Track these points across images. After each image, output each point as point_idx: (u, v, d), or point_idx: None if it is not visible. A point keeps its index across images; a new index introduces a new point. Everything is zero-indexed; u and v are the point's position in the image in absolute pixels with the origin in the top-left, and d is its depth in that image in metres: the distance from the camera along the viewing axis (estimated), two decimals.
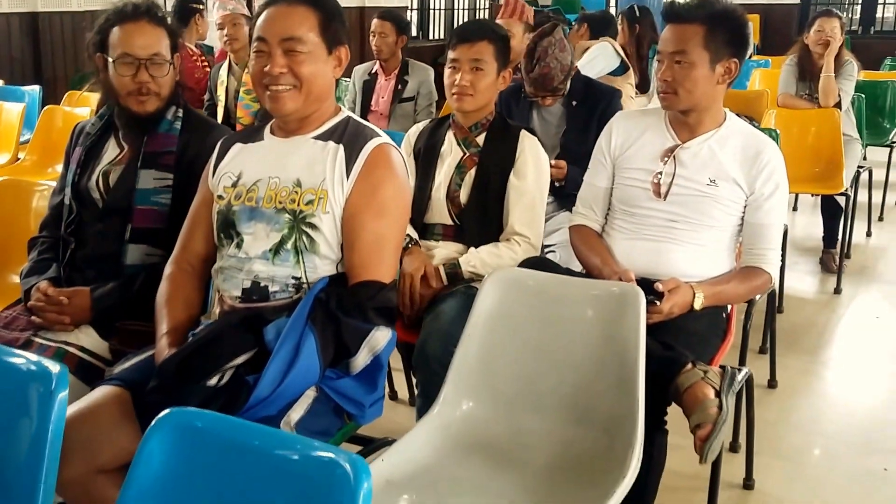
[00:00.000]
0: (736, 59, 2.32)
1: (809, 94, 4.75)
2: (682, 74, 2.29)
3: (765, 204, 2.34)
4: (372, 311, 1.88)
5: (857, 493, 2.69)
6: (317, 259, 1.92)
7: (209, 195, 2.05)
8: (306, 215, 1.91)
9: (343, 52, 2.00)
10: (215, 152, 2.09)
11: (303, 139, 1.99)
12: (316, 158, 1.95)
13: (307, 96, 1.93)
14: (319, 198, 1.91)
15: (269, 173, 1.96)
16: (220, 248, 2.01)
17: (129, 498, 1.31)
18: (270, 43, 1.91)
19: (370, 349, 1.89)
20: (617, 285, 2.01)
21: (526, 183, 2.54)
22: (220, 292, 1.98)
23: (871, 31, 10.58)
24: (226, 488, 1.27)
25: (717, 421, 1.88)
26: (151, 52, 2.21)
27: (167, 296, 2.00)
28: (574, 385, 1.95)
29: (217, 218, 2.00)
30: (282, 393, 1.74)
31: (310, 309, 1.81)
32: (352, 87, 4.77)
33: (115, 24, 2.22)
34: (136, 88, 2.20)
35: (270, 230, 1.92)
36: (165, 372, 1.75)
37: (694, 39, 2.28)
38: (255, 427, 1.34)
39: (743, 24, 2.37)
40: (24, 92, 5.44)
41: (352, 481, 1.15)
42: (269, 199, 1.94)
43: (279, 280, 1.91)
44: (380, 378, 1.94)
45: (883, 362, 3.66)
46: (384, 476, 1.79)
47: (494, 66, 2.56)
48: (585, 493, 1.74)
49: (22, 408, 1.45)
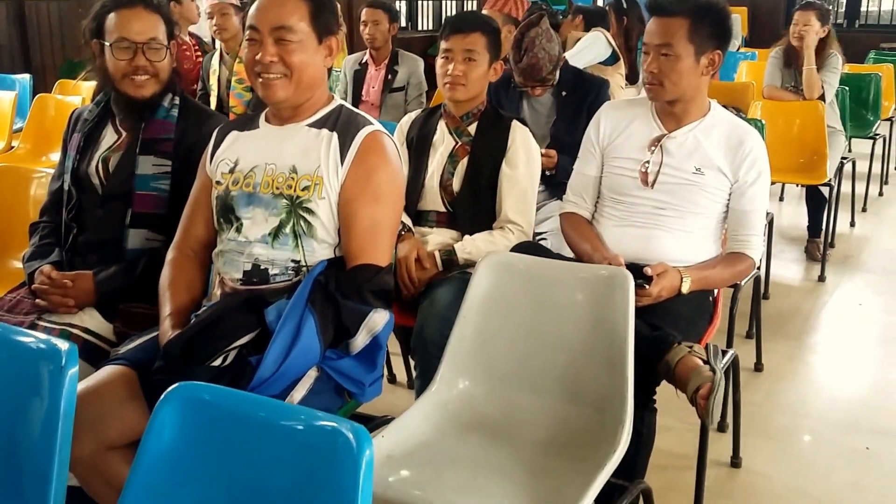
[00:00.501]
0: (719, 50, 2.38)
1: (795, 86, 4.81)
2: (667, 66, 2.34)
3: (748, 191, 2.41)
4: (369, 294, 1.94)
5: (839, 471, 2.77)
6: (315, 243, 1.97)
7: (208, 181, 2.10)
8: (303, 201, 1.96)
9: (334, 42, 2.04)
10: (212, 140, 2.14)
11: (297, 127, 2.03)
12: (310, 145, 1.99)
13: (298, 85, 1.98)
14: (315, 184, 1.96)
15: (266, 160, 2.01)
16: (220, 233, 2.05)
17: (141, 469, 1.36)
18: (262, 32, 1.95)
19: (369, 330, 1.94)
20: (606, 269, 2.06)
21: (518, 172, 2.59)
22: (221, 275, 2.03)
23: (857, 24, 10.66)
24: (234, 458, 1.31)
25: (715, 379, 1.94)
26: (148, 36, 2.24)
27: (170, 279, 2.05)
28: (566, 364, 2.01)
29: (216, 203, 2.05)
30: (284, 372, 1.79)
31: (309, 291, 1.86)
32: (342, 78, 4.80)
33: (112, 10, 2.26)
34: (131, 70, 2.23)
35: (269, 215, 1.97)
36: (171, 352, 1.79)
37: (679, 32, 2.33)
38: (262, 399, 1.40)
39: (726, 17, 2.41)
40: (15, 80, 5.46)
41: (354, 449, 1.20)
42: (266, 185, 1.98)
43: (279, 263, 1.96)
44: (379, 358, 1.99)
45: (865, 347, 3.75)
46: (385, 451, 1.85)
47: (486, 57, 2.61)
48: (577, 467, 1.80)
49: (34, 386, 1.49)
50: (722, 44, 2.39)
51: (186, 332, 1.84)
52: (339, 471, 1.20)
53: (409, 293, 2.52)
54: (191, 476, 1.32)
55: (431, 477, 1.81)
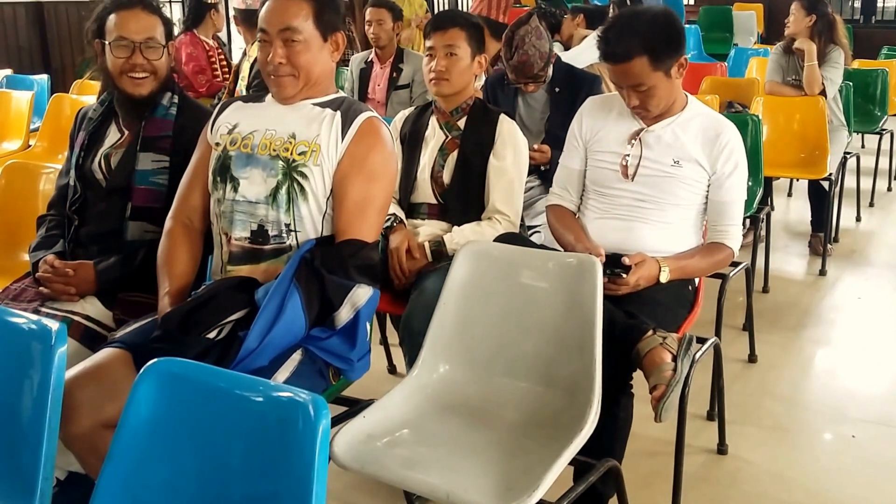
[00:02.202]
0: (683, 54, 2.41)
1: (797, 80, 4.79)
2: (648, 97, 2.40)
3: (725, 182, 2.46)
4: (353, 269, 2.04)
5: (824, 457, 2.84)
6: (305, 208, 2.07)
7: (207, 150, 2.20)
8: (298, 164, 2.06)
9: (340, 38, 2.17)
10: (214, 112, 2.24)
11: (302, 104, 2.15)
12: (314, 119, 2.11)
13: (306, 82, 2.11)
14: (312, 150, 2.07)
15: (267, 125, 2.13)
16: (214, 192, 2.15)
17: (121, 441, 1.47)
18: (271, 34, 2.09)
19: (352, 305, 2.05)
20: (575, 256, 2.13)
21: (505, 164, 2.67)
22: (226, 234, 2.12)
23: (873, 20, 10.60)
24: (201, 429, 1.41)
25: (671, 382, 2.02)
26: (146, 35, 2.34)
27: (167, 252, 2.16)
28: (540, 349, 2.09)
29: (213, 164, 2.15)
30: (269, 343, 1.89)
31: (295, 268, 1.96)
32: (349, 76, 4.90)
33: (112, 11, 2.36)
34: (129, 67, 2.33)
35: (267, 176, 2.08)
36: (169, 323, 1.90)
37: (643, 71, 2.35)
38: (224, 372, 1.48)
39: (672, 24, 2.40)
40: (33, 80, 5.62)
41: (312, 417, 1.28)
42: (263, 147, 2.09)
43: (277, 224, 2.07)
44: (360, 332, 2.08)
45: (861, 339, 3.78)
46: (365, 431, 1.93)
47: (468, 52, 2.70)
48: (549, 445, 1.86)
49: (26, 363, 1.60)
50: (681, 48, 2.41)
51: (184, 306, 1.95)
52: (297, 439, 1.29)
53: (400, 283, 2.60)
54: (164, 446, 1.41)
55: (408, 455, 1.89)
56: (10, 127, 5.16)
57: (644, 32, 2.35)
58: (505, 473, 1.80)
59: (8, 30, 6.42)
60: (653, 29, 2.36)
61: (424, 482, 1.78)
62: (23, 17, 6.41)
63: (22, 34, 6.44)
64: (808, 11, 4.73)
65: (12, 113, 5.17)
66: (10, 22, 6.41)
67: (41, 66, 6.46)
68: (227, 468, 1.36)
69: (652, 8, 2.50)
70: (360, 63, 4.84)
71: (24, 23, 6.43)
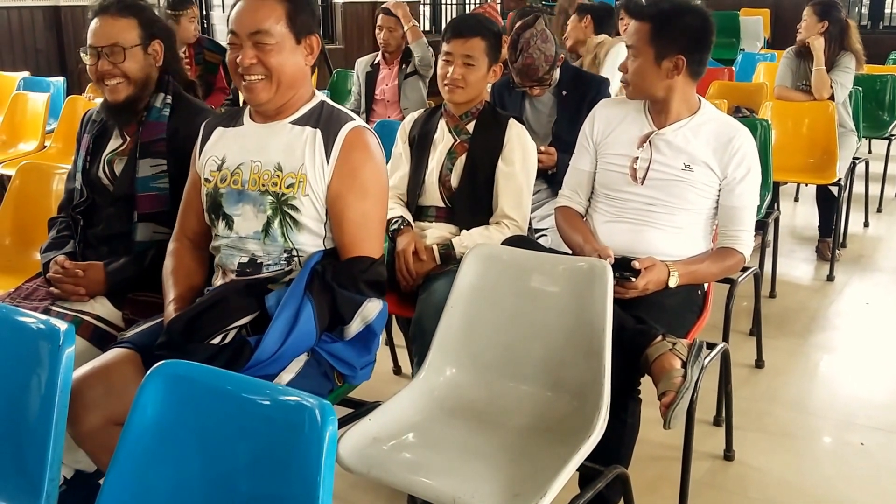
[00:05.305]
0: (682, 55, 2.40)
1: (807, 85, 4.77)
2: (632, 66, 2.44)
3: (737, 188, 2.45)
4: (364, 284, 2.04)
5: (831, 464, 2.82)
6: (301, 237, 2.06)
7: (197, 177, 2.19)
8: (288, 198, 2.04)
9: (314, 41, 2.09)
10: (200, 135, 2.22)
11: (280, 125, 2.10)
12: (295, 143, 2.07)
13: (279, 85, 2.04)
14: (299, 181, 2.04)
15: (251, 157, 2.09)
16: (213, 228, 2.15)
17: (128, 441, 1.47)
18: (241, 36, 2.03)
19: (362, 319, 2.05)
20: (585, 260, 2.12)
21: (514, 169, 2.67)
22: (221, 267, 2.13)
23: (881, 25, 10.59)
24: (207, 430, 1.41)
25: (681, 389, 2.00)
26: (110, 41, 2.31)
27: (172, 269, 2.16)
28: (547, 353, 2.08)
29: (206, 200, 2.14)
30: (282, 355, 1.89)
31: (307, 279, 1.96)
32: (355, 79, 4.89)
33: (92, 19, 2.36)
34: (98, 75, 2.33)
35: (258, 211, 2.06)
36: (173, 329, 1.90)
37: (641, 35, 2.40)
38: (231, 375, 1.48)
39: (690, 24, 2.41)
40: (50, 83, 5.66)
41: (318, 422, 1.28)
42: (253, 182, 2.07)
43: (273, 255, 2.06)
44: (373, 344, 2.10)
45: (869, 345, 3.76)
46: (371, 434, 1.92)
47: (486, 61, 2.69)
48: (556, 450, 1.85)
49: (33, 363, 1.61)
50: (686, 49, 2.40)
51: (189, 311, 1.94)
52: (304, 444, 1.29)
53: (407, 285, 2.60)
54: (170, 448, 1.41)
55: (414, 459, 1.89)
56: (26, 128, 5.21)
57: (662, 8, 2.40)
58: (512, 479, 1.79)
59: (26, 33, 6.48)
60: (672, 12, 2.40)
61: (430, 487, 1.78)
62: (40, 20, 6.48)
63: (39, 37, 6.50)
64: (821, 17, 4.71)
65: (29, 114, 5.22)
66: (28, 25, 6.47)
67: (57, 68, 6.52)
68: (233, 471, 1.36)
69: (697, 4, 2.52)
70: (366, 66, 4.84)
71: (41, 26, 6.49)
